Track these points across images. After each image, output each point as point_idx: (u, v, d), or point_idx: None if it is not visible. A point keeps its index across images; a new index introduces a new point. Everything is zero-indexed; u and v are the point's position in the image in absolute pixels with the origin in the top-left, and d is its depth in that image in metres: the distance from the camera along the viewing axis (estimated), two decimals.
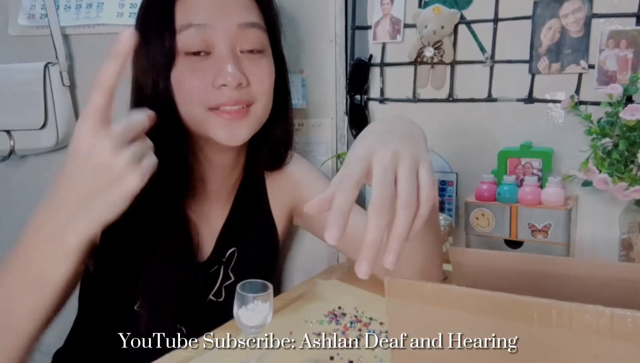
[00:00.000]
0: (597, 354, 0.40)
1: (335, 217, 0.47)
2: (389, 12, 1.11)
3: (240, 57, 0.81)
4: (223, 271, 0.91)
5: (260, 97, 0.83)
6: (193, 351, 0.73)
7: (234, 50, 0.80)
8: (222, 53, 0.79)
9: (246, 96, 0.81)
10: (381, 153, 0.51)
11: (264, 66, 0.83)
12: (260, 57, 0.83)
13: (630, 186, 0.85)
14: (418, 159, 0.52)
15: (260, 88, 0.82)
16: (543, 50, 0.98)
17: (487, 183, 0.98)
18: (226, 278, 0.91)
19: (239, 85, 0.78)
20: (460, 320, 0.46)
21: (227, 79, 0.77)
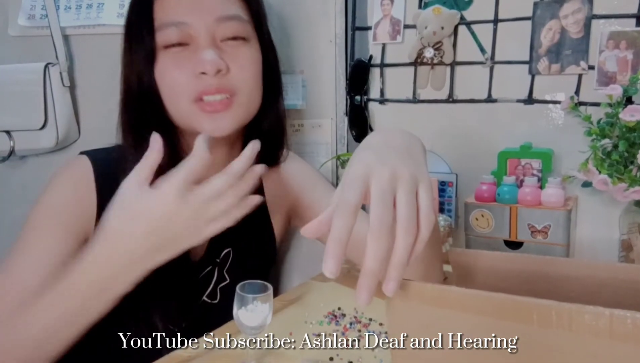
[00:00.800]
0: (596, 355, 0.40)
1: (332, 247, 0.45)
2: (389, 12, 1.11)
3: (220, 46, 0.81)
4: (217, 272, 0.90)
5: (244, 85, 0.82)
6: (193, 351, 0.73)
7: (214, 40, 0.80)
8: (201, 42, 0.79)
9: (227, 83, 0.80)
10: (379, 173, 0.49)
11: (245, 52, 0.83)
12: (242, 45, 0.82)
13: (629, 187, 0.85)
14: (417, 179, 0.50)
15: (241, 75, 0.81)
16: (543, 51, 0.99)
17: (487, 184, 0.98)
18: (221, 279, 0.90)
19: (218, 71, 0.78)
20: (460, 320, 0.46)
21: (206, 67, 0.77)
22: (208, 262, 0.89)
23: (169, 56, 0.80)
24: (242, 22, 0.83)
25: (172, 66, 0.80)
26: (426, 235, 0.48)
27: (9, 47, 1.25)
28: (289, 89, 1.18)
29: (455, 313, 0.46)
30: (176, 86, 0.80)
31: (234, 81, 0.81)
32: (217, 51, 0.79)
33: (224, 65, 0.79)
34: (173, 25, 0.79)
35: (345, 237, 0.45)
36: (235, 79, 0.81)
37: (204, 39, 0.79)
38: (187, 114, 0.81)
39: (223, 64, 0.79)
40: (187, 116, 0.81)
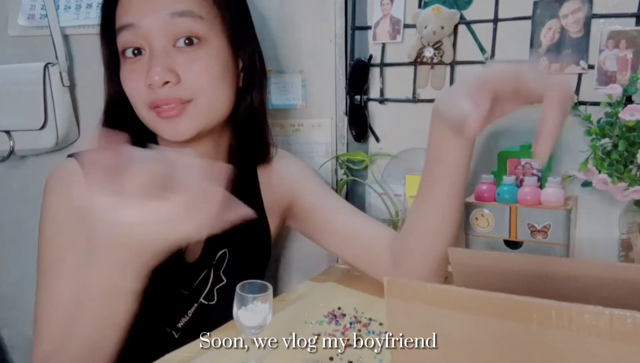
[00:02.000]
0: (596, 354, 0.40)
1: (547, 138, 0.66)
2: (389, 12, 1.11)
3: (173, 53, 0.78)
4: (214, 273, 0.90)
5: (199, 92, 0.80)
6: (192, 351, 0.73)
7: (166, 46, 0.78)
8: (152, 50, 0.78)
9: (179, 93, 0.78)
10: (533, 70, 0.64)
11: (200, 59, 0.79)
12: (198, 48, 0.79)
13: (629, 187, 0.85)
14: None
15: (196, 82, 0.79)
16: (543, 50, 0.98)
17: (487, 184, 0.98)
18: (217, 280, 0.90)
19: (165, 83, 0.77)
20: (460, 320, 0.46)
21: (153, 78, 0.76)
22: (204, 263, 0.89)
23: (127, 66, 0.81)
24: (195, 18, 0.78)
25: (128, 76, 0.81)
26: None
27: (8, 47, 1.25)
28: (289, 89, 1.18)
29: (455, 313, 0.46)
30: (133, 95, 0.81)
31: (187, 89, 0.79)
32: (167, 60, 0.77)
33: (172, 76, 0.77)
34: (125, 29, 0.78)
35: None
36: (189, 87, 0.79)
37: (156, 43, 0.77)
38: (147, 120, 0.82)
39: (172, 75, 0.77)
40: (147, 121, 0.82)
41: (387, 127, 1.16)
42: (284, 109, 1.19)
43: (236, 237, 0.91)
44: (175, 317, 0.86)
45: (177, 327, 0.87)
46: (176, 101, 0.78)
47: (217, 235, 0.88)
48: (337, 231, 0.93)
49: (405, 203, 1.12)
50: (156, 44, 0.78)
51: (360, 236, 0.92)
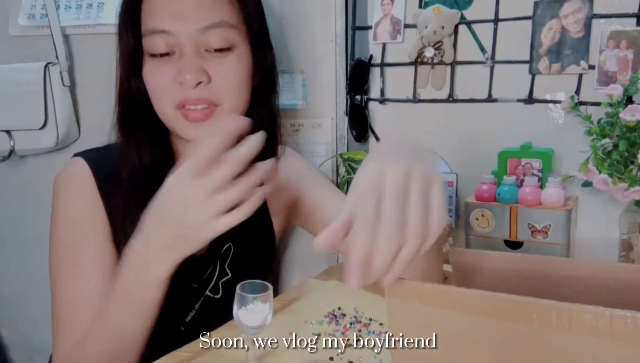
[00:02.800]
0: (597, 355, 0.40)
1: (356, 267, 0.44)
2: (389, 12, 1.11)
3: (204, 55, 0.81)
4: (219, 267, 0.91)
5: (226, 96, 0.82)
6: (193, 351, 0.73)
7: (198, 49, 0.80)
8: (185, 53, 0.80)
9: (209, 94, 0.80)
10: (392, 172, 0.47)
11: (230, 63, 0.82)
12: (227, 55, 0.82)
13: (630, 187, 0.85)
14: (430, 179, 0.49)
15: (224, 86, 0.81)
16: (543, 50, 0.98)
17: (487, 184, 0.98)
18: (223, 274, 0.91)
19: (199, 83, 0.79)
20: (460, 320, 0.46)
21: (186, 77, 0.78)
22: (211, 257, 0.90)
23: (154, 63, 0.81)
24: (228, 28, 0.81)
25: (155, 72, 0.81)
26: (435, 237, 0.47)
27: (9, 46, 1.25)
28: (289, 89, 1.18)
29: (455, 313, 0.46)
30: (159, 92, 0.81)
31: (216, 91, 0.81)
32: (199, 60, 0.80)
33: (204, 77, 0.79)
34: (157, 34, 0.79)
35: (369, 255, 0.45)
36: (218, 89, 0.81)
37: (188, 48, 0.79)
38: (170, 119, 0.82)
39: (204, 75, 0.79)
40: (170, 121, 0.82)
41: (388, 128, 1.16)
42: (284, 109, 1.19)
43: (241, 232, 0.92)
44: (184, 311, 0.88)
45: (185, 321, 0.88)
46: (205, 102, 0.80)
47: None
48: None
49: None
50: (187, 49, 0.79)
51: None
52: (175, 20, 0.79)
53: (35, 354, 1.07)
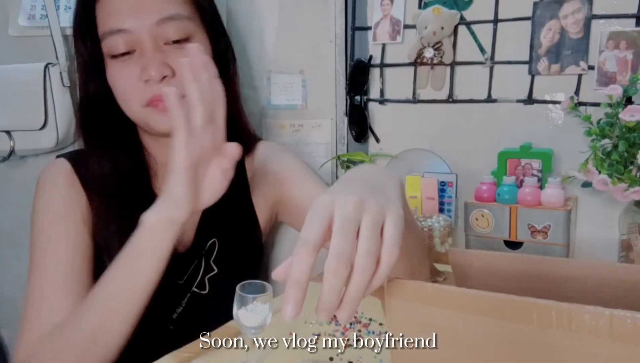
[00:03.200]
0: (596, 355, 0.40)
1: (291, 291, 0.42)
2: (389, 12, 1.11)
3: (164, 49, 0.82)
4: (205, 262, 0.91)
5: None
6: (193, 351, 0.73)
7: (157, 44, 0.81)
8: (145, 50, 0.81)
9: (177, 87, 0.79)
10: (343, 202, 0.45)
11: None
12: (185, 45, 0.82)
13: (629, 187, 0.85)
14: (385, 211, 0.46)
15: None
16: (543, 51, 0.99)
17: (487, 184, 0.98)
18: (209, 270, 0.91)
19: (164, 77, 0.80)
20: (460, 320, 0.46)
21: (150, 73, 0.79)
22: (195, 252, 0.90)
23: (117, 65, 0.82)
24: (183, 20, 0.83)
25: (120, 74, 0.82)
26: (385, 271, 0.45)
27: (9, 47, 1.25)
28: (289, 89, 1.19)
29: (455, 313, 0.46)
30: (126, 93, 0.82)
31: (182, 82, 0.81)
32: (160, 55, 0.81)
33: (168, 70, 0.81)
34: (115, 34, 0.80)
35: (305, 279, 0.43)
36: None
37: (148, 44, 0.80)
38: (141, 116, 0.83)
39: (167, 69, 0.81)
40: (142, 118, 0.83)
41: (387, 128, 1.16)
42: (284, 109, 1.19)
43: (225, 226, 0.93)
44: (170, 308, 0.87)
45: (172, 318, 0.88)
46: None
47: (207, 224, 0.90)
48: None
49: None
50: (147, 45, 0.81)
51: None
52: (131, 17, 0.80)
53: None
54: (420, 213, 1.10)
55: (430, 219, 1.05)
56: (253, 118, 1.11)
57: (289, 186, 0.97)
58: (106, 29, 0.81)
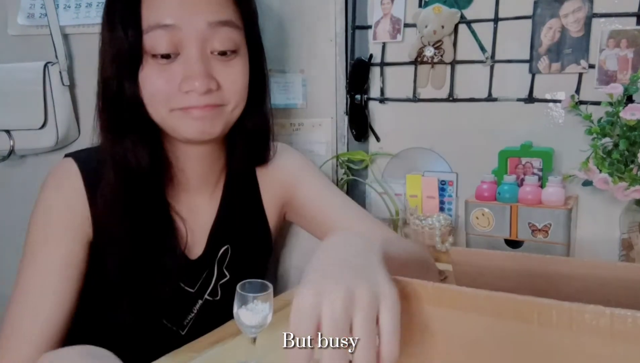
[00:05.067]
0: (597, 354, 0.40)
1: None
2: (389, 11, 1.11)
3: (210, 59, 0.77)
4: (217, 269, 0.90)
5: (233, 98, 0.80)
6: (193, 351, 0.73)
7: (204, 51, 0.76)
8: (191, 56, 0.75)
9: (217, 99, 0.78)
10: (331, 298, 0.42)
11: (237, 67, 0.80)
12: (233, 58, 0.79)
13: (630, 186, 0.85)
14: (377, 298, 0.43)
15: (232, 90, 0.79)
16: (543, 50, 0.98)
17: (488, 183, 0.98)
18: (221, 276, 0.90)
19: (208, 90, 0.75)
20: (460, 320, 0.46)
21: (195, 85, 0.74)
22: (208, 259, 0.89)
23: (155, 66, 0.76)
24: (235, 29, 0.79)
25: (157, 76, 0.76)
26: None
27: (8, 46, 1.25)
28: (289, 89, 1.18)
29: (455, 312, 0.46)
30: (159, 96, 0.76)
31: (223, 96, 0.79)
32: (205, 65, 0.76)
33: (214, 84, 0.76)
34: (161, 28, 0.74)
35: None
36: (226, 93, 0.79)
37: (194, 49, 0.75)
38: (168, 120, 0.78)
39: (214, 82, 0.76)
40: (168, 121, 0.79)
41: (388, 127, 1.16)
42: (284, 109, 1.19)
43: (238, 233, 0.92)
44: (181, 315, 0.87)
45: (183, 324, 0.87)
46: (214, 107, 0.78)
47: (220, 232, 0.90)
48: (333, 229, 0.92)
49: (406, 202, 1.11)
50: (193, 49, 0.75)
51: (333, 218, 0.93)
52: (181, 12, 0.74)
53: None
54: (421, 212, 1.10)
55: (430, 218, 1.05)
56: None
57: (296, 187, 0.97)
58: (152, 21, 0.74)
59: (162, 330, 0.85)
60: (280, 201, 0.98)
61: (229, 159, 0.92)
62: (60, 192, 0.81)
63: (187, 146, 0.84)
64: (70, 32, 1.22)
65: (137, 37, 0.74)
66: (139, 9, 0.75)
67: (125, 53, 0.75)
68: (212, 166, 0.89)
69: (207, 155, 0.87)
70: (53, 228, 0.79)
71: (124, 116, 0.78)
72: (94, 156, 0.81)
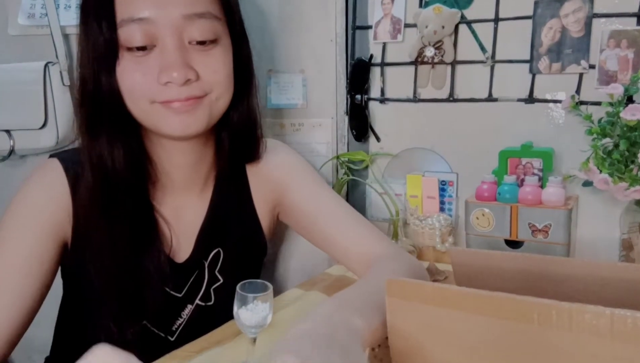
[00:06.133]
0: (597, 354, 0.40)
1: None
2: (390, 11, 1.11)
3: (188, 49, 0.74)
4: (208, 273, 0.87)
5: (215, 88, 0.77)
6: (192, 351, 0.73)
7: (181, 41, 0.74)
8: (167, 46, 0.73)
9: (197, 90, 0.75)
10: None
11: (217, 56, 0.77)
12: (212, 48, 0.76)
13: (630, 186, 0.85)
14: None
15: (213, 79, 0.76)
16: (544, 50, 0.98)
17: (488, 183, 0.98)
18: (213, 280, 0.88)
19: (187, 81, 0.73)
20: (460, 320, 0.46)
21: (173, 75, 0.72)
22: (196, 262, 0.87)
23: (132, 59, 0.73)
24: (212, 20, 0.75)
25: (134, 70, 0.74)
26: None
27: (8, 46, 1.25)
28: (289, 89, 1.18)
29: (455, 312, 0.46)
30: (137, 90, 0.74)
31: (204, 86, 0.76)
32: (183, 55, 0.73)
33: (193, 73, 0.74)
34: (135, 22, 0.71)
35: None
36: (207, 83, 0.76)
37: (170, 40, 0.72)
38: (149, 114, 0.76)
39: (192, 72, 0.73)
40: (149, 116, 0.76)
41: (388, 127, 1.16)
42: (284, 109, 1.19)
43: (228, 235, 0.89)
44: (169, 320, 0.84)
45: (172, 330, 0.85)
46: (193, 98, 0.75)
47: (210, 235, 0.88)
48: (320, 233, 0.90)
49: (406, 202, 1.11)
50: (169, 39, 0.73)
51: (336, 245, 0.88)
52: (154, 6, 0.72)
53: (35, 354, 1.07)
54: (421, 212, 1.09)
55: (430, 218, 1.05)
56: None
57: (287, 188, 0.93)
58: (125, 15, 0.72)
59: (149, 336, 0.82)
60: (272, 201, 0.95)
61: (216, 156, 0.88)
62: (43, 187, 0.79)
63: (171, 143, 0.81)
64: (71, 32, 1.22)
65: (111, 31, 0.73)
66: (113, 3, 0.73)
67: (100, 47, 0.73)
68: (198, 165, 0.86)
69: (192, 153, 0.84)
70: (25, 221, 0.76)
71: (102, 113, 0.76)
72: (78, 158, 0.79)
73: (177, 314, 0.85)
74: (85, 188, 0.76)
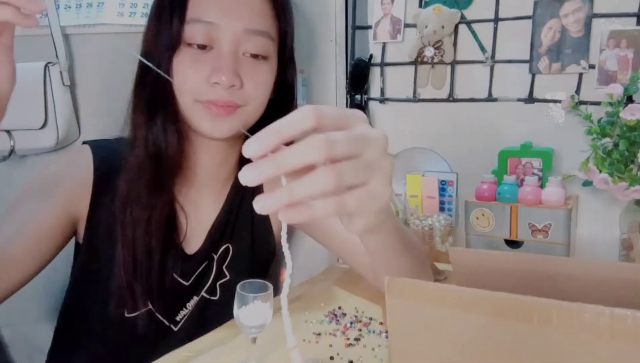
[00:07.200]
0: (597, 354, 0.40)
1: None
2: (390, 12, 1.11)
3: (241, 59, 0.80)
4: (216, 267, 0.90)
5: (253, 100, 0.82)
6: (193, 351, 0.73)
7: (236, 51, 0.80)
8: (223, 51, 0.79)
9: (238, 98, 0.80)
10: None
11: (263, 72, 0.83)
12: (261, 63, 0.82)
13: (630, 186, 0.85)
14: None
15: (253, 92, 0.82)
16: (543, 50, 0.98)
17: (488, 183, 0.98)
18: (220, 275, 0.90)
19: (232, 86, 0.78)
20: (460, 319, 0.46)
21: (221, 78, 0.77)
22: (205, 255, 0.89)
23: (189, 54, 0.79)
24: (269, 40, 0.82)
25: (189, 64, 0.79)
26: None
27: None
28: None
29: (455, 312, 0.46)
30: (186, 85, 0.80)
31: (244, 96, 0.81)
32: (235, 62, 0.79)
33: (238, 81, 0.79)
34: (202, 23, 0.78)
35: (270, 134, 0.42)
36: (247, 94, 0.81)
37: (227, 46, 0.79)
38: (189, 110, 0.81)
39: (238, 80, 0.79)
40: (188, 112, 0.81)
41: (388, 127, 1.16)
42: None
43: (239, 233, 0.92)
44: (174, 308, 0.87)
45: (176, 320, 0.87)
46: (232, 105, 0.80)
47: (220, 230, 0.89)
48: (337, 237, 0.91)
49: (406, 202, 1.11)
50: (226, 45, 0.79)
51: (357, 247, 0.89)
52: (224, 15, 0.79)
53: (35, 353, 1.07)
54: (421, 212, 1.10)
55: (430, 218, 1.05)
56: None
57: None
58: (195, 16, 0.79)
59: (154, 322, 0.84)
60: None
61: (240, 160, 0.93)
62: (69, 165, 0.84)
63: (201, 140, 0.85)
64: (71, 33, 1.22)
65: (179, 24, 0.79)
66: (186, 3, 0.80)
67: (165, 37, 0.80)
68: (221, 165, 0.90)
69: (218, 153, 0.88)
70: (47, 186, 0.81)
71: (156, 98, 0.81)
72: (111, 148, 0.84)
73: (183, 304, 0.87)
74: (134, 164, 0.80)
